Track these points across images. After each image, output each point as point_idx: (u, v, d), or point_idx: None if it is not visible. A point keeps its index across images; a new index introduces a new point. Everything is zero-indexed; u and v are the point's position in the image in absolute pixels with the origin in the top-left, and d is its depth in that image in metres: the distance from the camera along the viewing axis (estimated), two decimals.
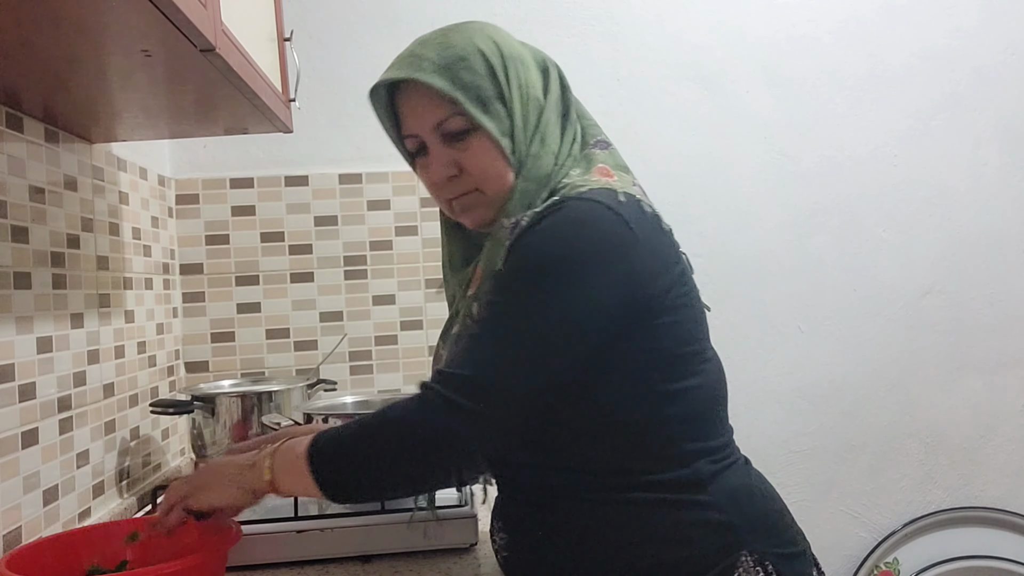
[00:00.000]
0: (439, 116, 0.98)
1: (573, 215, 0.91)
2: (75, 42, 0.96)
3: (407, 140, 1.03)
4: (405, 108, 1.01)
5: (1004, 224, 2.26)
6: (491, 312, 0.91)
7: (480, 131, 0.97)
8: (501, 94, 0.98)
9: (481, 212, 1.01)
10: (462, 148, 0.99)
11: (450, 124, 0.98)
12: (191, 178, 2.03)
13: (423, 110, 0.99)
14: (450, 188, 1.01)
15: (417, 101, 0.99)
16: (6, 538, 1.14)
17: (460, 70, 0.96)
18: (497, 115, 0.97)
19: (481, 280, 0.97)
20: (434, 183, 1.03)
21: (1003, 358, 2.26)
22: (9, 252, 1.20)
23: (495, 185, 0.99)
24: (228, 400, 1.63)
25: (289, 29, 1.61)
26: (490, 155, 0.98)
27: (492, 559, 1.21)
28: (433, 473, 0.92)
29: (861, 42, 2.24)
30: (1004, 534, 2.21)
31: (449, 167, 1.00)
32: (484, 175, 0.99)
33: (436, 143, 1.00)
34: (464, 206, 1.02)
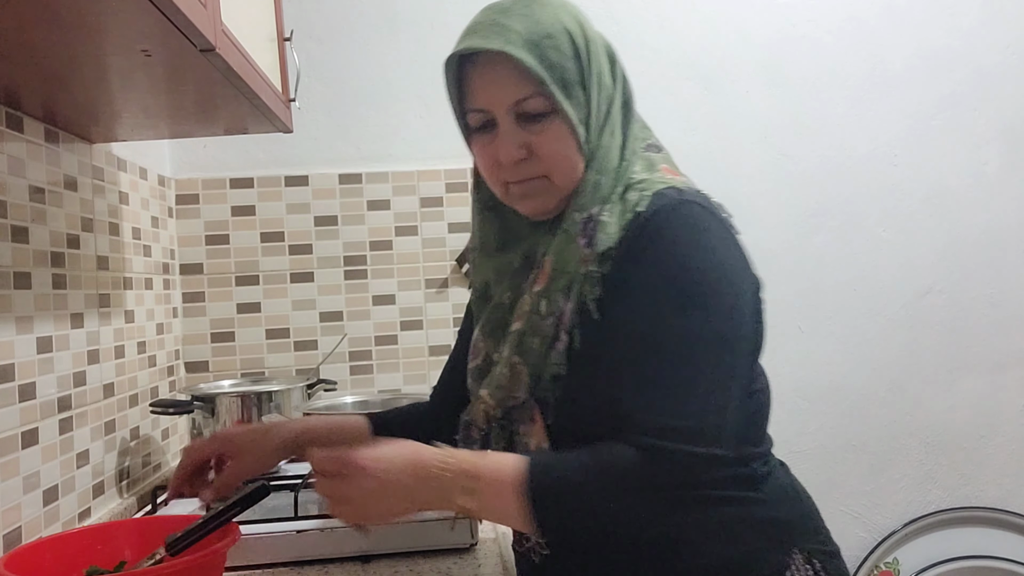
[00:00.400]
0: (520, 94, 0.91)
1: (689, 220, 0.88)
2: (75, 42, 0.96)
3: (471, 114, 0.96)
4: (480, 80, 0.94)
5: (1004, 224, 2.26)
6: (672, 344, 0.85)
7: (559, 115, 0.92)
8: (583, 79, 0.92)
9: (543, 201, 0.96)
10: (537, 131, 0.92)
11: (530, 104, 0.91)
12: (191, 178, 2.03)
13: (503, 85, 0.92)
14: (515, 171, 0.95)
15: (498, 75, 0.92)
16: (6, 538, 1.14)
17: (547, 48, 0.90)
18: (577, 101, 0.92)
19: (551, 277, 0.92)
20: (498, 164, 0.95)
21: (1003, 358, 2.26)
22: (9, 252, 1.20)
23: (565, 174, 0.94)
24: (228, 400, 1.63)
25: (289, 29, 1.61)
26: (565, 142, 0.93)
27: (492, 559, 1.21)
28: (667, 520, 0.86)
29: (861, 42, 2.24)
30: (1004, 534, 2.21)
31: (520, 149, 0.93)
32: (556, 162, 0.93)
33: (509, 122, 0.93)
34: (526, 192, 0.96)
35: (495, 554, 1.24)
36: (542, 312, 0.92)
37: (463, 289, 2.09)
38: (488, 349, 1.01)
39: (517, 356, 0.94)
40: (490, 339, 1.01)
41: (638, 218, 0.89)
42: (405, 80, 2.10)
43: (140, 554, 1.04)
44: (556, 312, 0.91)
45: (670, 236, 0.87)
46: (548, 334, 0.92)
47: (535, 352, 0.93)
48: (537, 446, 0.92)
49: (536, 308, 0.93)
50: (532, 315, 0.93)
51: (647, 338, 0.86)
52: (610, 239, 0.90)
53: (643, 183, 0.93)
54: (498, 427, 0.98)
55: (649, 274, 0.87)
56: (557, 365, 0.92)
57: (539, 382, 0.93)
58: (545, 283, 0.93)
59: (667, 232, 0.87)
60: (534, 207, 0.97)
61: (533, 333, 0.92)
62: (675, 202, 0.89)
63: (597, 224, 0.91)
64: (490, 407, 0.98)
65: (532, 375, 0.93)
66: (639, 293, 0.88)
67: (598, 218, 0.91)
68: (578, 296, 0.91)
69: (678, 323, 0.85)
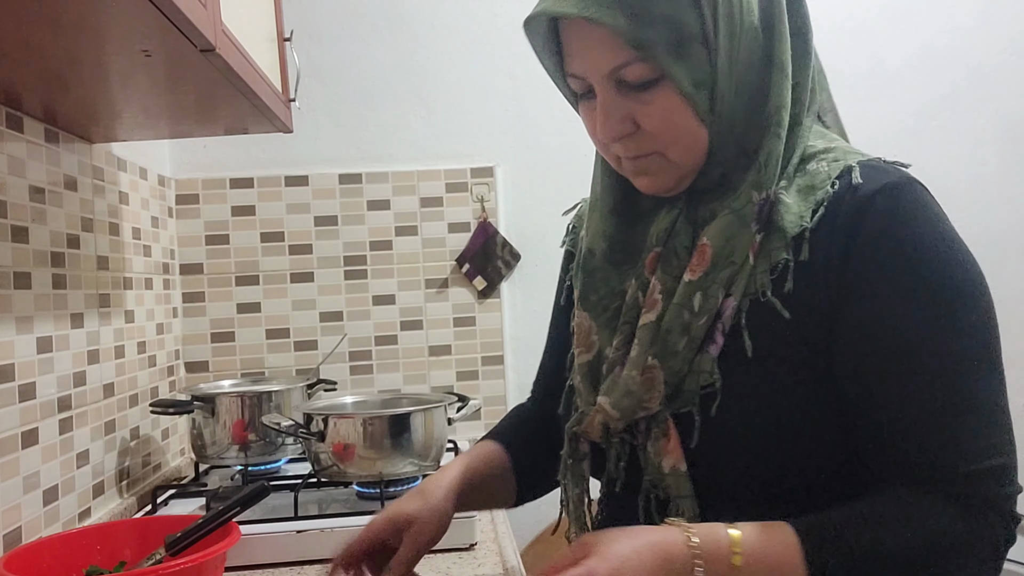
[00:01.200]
0: (616, 61, 0.74)
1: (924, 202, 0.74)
2: (75, 42, 0.96)
3: (571, 79, 0.80)
4: (573, 44, 0.78)
5: (1004, 223, 2.26)
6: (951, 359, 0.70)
7: (670, 82, 0.74)
8: (704, 31, 0.74)
9: (661, 179, 0.80)
10: (644, 100, 0.76)
11: (629, 72, 0.75)
12: (191, 178, 2.03)
13: (594, 52, 0.75)
14: (623, 147, 0.79)
15: (587, 39, 0.76)
16: (6, 538, 1.14)
17: (652, 1, 0.72)
18: (695, 60, 0.74)
19: (712, 265, 0.76)
20: (601, 142, 0.81)
21: (1003, 358, 2.26)
22: (9, 252, 1.20)
23: (682, 150, 0.77)
24: (228, 400, 1.63)
25: (289, 29, 1.61)
26: (678, 111, 0.75)
27: (492, 559, 1.21)
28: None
29: (861, 42, 2.24)
30: None
31: (623, 123, 0.77)
32: (668, 136, 0.77)
33: (608, 91, 0.77)
34: (639, 169, 0.80)
35: (495, 554, 1.24)
36: (695, 308, 0.76)
37: (463, 289, 2.09)
38: (602, 343, 0.84)
39: (653, 358, 0.77)
40: (605, 330, 0.84)
41: (850, 193, 0.74)
42: (405, 80, 2.10)
43: (140, 554, 1.04)
44: (713, 309, 0.75)
45: (913, 225, 0.72)
46: (699, 335, 0.76)
47: (679, 355, 0.76)
48: (672, 468, 0.76)
49: (687, 301, 0.76)
50: (681, 309, 0.76)
51: (925, 358, 0.70)
52: (801, 220, 0.74)
53: (831, 151, 0.78)
54: (619, 441, 0.82)
55: (898, 277, 0.71)
56: (708, 374, 0.75)
57: (679, 392, 0.77)
58: (703, 272, 0.76)
59: (907, 218, 0.72)
60: (651, 185, 0.81)
61: (681, 331, 0.76)
62: (904, 180, 0.74)
63: (773, 203, 0.76)
64: (612, 418, 0.80)
65: (671, 383, 0.76)
66: (890, 303, 0.71)
67: (773, 195, 0.76)
68: (745, 290, 0.75)
69: (957, 337, 0.71)
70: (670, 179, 0.80)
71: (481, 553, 1.24)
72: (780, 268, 0.75)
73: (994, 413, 0.70)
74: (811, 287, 0.74)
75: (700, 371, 0.76)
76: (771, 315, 0.74)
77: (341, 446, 1.38)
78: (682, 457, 0.76)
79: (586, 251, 0.89)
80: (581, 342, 0.86)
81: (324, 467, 1.42)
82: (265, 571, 1.22)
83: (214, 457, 1.64)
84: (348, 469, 1.39)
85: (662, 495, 0.78)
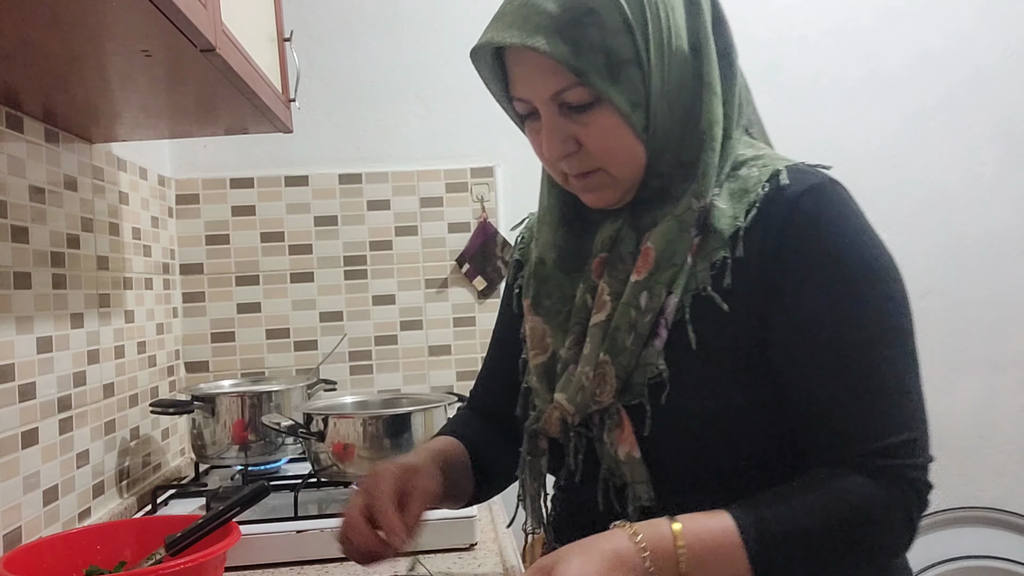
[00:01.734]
0: (556, 87, 0.80)
1: (845, 200, 0.81)
2: (75, 42, 0.96)
3: (516, 103, 0.86)
4: (516, 71, 0.84)
5: (1003, 224, 2.26)
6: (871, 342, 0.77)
7: (607, 104, 0.80)
8: (637, 55, 0.79)
9: (606, 194, 0.86)
10: (584, 121, 0.82)
11: (570, 96, 0.80)
12: (191, 178, 2.03)
13: (537, 78, 0.81)
14: (568, 165, 0.85)
15: (530, 66, 0.81)
16: (6, 538, 1.14)
17: (587, 27, 0.77)
18: (630, 82, 0.80)
19: (656, 267, 0.82)
20: (547, 161, 0.87)
21: (1002, 359, 2.26)
22: (9, 252, 1.20)
23: (622, 165, 0.83)
24: (228, 400, 1.63)
25: (289, 29, 1.61)
26: (616, 130, 0.81)
27: (492, 559, 1.21)
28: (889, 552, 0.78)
29: (860, 43, 2.24)
30: (1004, 534, 2.21)
31: (567, 143, 0.83)
32: (608, 154, 0.83)
33: (551, 114, 0.82)
34: (586, 186, 0.86)
35: (495, 554, 1.24)
36: (642, 306, 0.81)
37: (463, 289, 2.09)
38: (556, 345, 0.89)
39: (605, 354, 0.83)
40: (558, 332, 0.89)
41: (778, 195, 0.80)
42: (405, 80, 2.10)
43: (140, 554, 1.04)
44: (657, 307, 0.81)
45: (835, 222, 0.79)
46: (645, 331, 0.81)
47: (628, 351, 0.82)
48: (627, 456, 0.81)
49: (634, 300, 0.82)
50: (629, 308, 0.82)
51: (845, 345, 0.77)
52: (736, 221, 0.81)
53: (760, 158, 0.85)
54: (576, 435, 0.87)
55: (822, 270, 0.78)
56: (655, 366, 0.81)
57: (629, 386, 0.82)
58: (647, 273, 0.82)
59: (830, 217, 0.79)
60: (598, 200, 0.87)
61: (629, 328, 0.82)
62: (826, 180, 0.81)
63: (707, 209, 0.82)
64: (568, 413, 0.85)
65: (621, 377, 0.82)
66: (815, 295, 0.78)
67: (707, 202, 0.82)
68: (685, 288, 0.81)
69: (875, 324, 0.77)
70: (614, 194, 0.86)
71: (481, 553, 1.24)
72: (719, 265, 0.81)
73: (905, 392, 0.77)
74: (748, 281, 0.80)
75: (647, 364, 0.82)
76: (712, 309, 0.81)
77: (341, 446, 1.38)
78: (636, 445, 0.81)
79: (537, 260, 0.94)
80: (535, 345, 0.91)
81: (324, 467, 1.42)
82: (265, 571, 1.22)
83: (214, 457, 1.64)
84: (348, 469, 1.39)
85: (619, 482, 0.83)
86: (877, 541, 0.75)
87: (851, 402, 0.76)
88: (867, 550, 0.75)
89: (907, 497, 0.75)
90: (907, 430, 0.76)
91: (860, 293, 0.78)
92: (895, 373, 0.77)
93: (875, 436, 0.75)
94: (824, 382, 0.77)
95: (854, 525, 0.74)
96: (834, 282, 0.78)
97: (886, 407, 0.76)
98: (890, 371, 0.77)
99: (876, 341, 0.77)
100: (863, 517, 0.74)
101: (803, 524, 0.73)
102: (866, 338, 0.77)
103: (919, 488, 0.76)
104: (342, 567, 1.21)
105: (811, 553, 0.73)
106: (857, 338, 0.77)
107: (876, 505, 0.74)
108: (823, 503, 0.74)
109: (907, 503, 0.75)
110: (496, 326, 1.09)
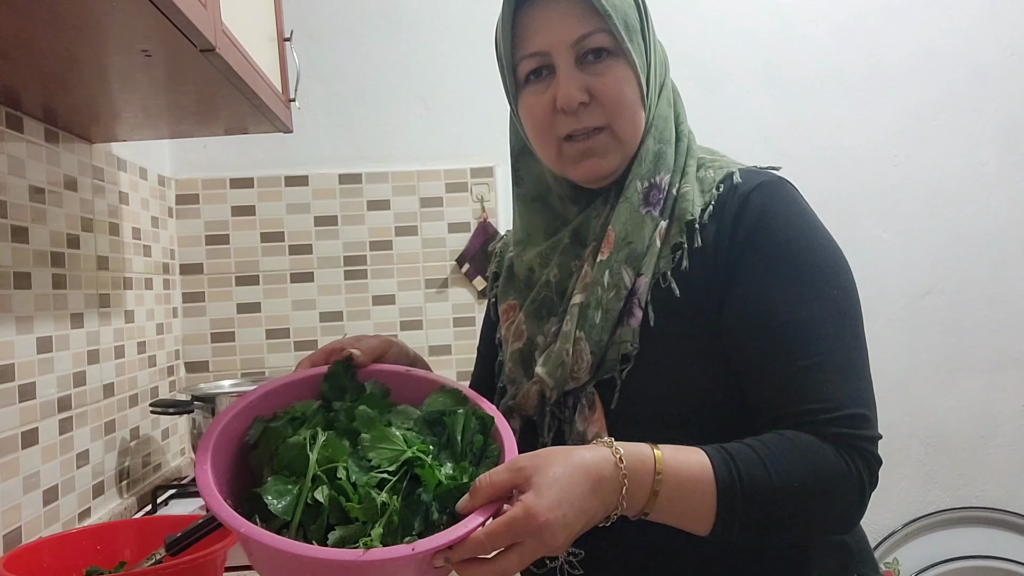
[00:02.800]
0: (585, 28, 0.85)
1: (794, 197, 0.87)
2: (75, 42, 0.96)
3: (525, 61, 0.89)
4: (538, 21, 0.88)
5: (1004, 224, 2.26)
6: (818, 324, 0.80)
7: (623, 57, 0.86)
8: (643, 30, 0.88)
9: (603, 161, 0.88)
10: (600, 72, 0.87)
11: (595, 40, 0.86)
12: (191, 178, 2.03)
13: (565, 22, 0.86)
14: (575, 120, 0.87)
15: (556, 14, 0.87)
16: (6, 538, 1.14)
17: None
18: (639, 48, 0.88)
19: (616, 247, 0.87)
20: (554, 112, 0.88)
21: (1003, 358, 2.26)
22: (9, 252, 1.20)
23: (628, 124, 0.88)
24: (228, 400, 1.63)
25: (289, 29, 1.61)
26: (630, 87, 0.87)
27: None
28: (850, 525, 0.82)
29: (861, 42, 2.24)
30: (1004, 534, 2.21)
31: (582, 91, 0.86)
32: (619, 109, 0.87)
33: (568, 63, 0.87)
34: (584, 150, 0.88)
35: None
36: (605, 284, 0.86)
37: (463, 289, 2.09)
38: (532, 332, 0.93)
39: (579, 330, 0.87)
40: (534, 320, 0.93)
41: (732, 193, 0.86)
42: (405, 80, 2.10)
43: (140, 554, 1.04)
44: (619, 284, 0.86)
45: (783, 215, 0.84)
46: (613, 308, 0.86)
47: (597, 327, 0.86)
48: (596, 436, 0.83)
49: (600, 279, 0.87)
50: (595, 286, 0.87)
51: (793, 325, 0.81)
52: (694, 209, 0.87)
53: (717, 161, 0.91)
54: (549, 415, 0.90)
55: (770, 258, 0.83)
56: (628, 343, 0.85)
57: (603, 362, 0.86)
58: (609, 253, 0.87)
59: (778, 211, 0.84)
60: (592, 168, 0.89)
61: (596, 305, 0.86)
62: (775, 180, 0.87)
63: (676, 198, 0.88)
64: (547, 387, 0.89)
65: (596, 354, 0.86)
66: (764, 280, 0.83)
67: (676, 191, 0.88)
68: (654, 269, 0.86)
69: (820, 305, 0.81)
70: (612, 161, 0.89)
71: None
72: (677, 252, 0.87)
73: (855, 371, 0.81)
74: (704, 269, 0.86)
75: (622, 341, 0.86)
76: (671, 293, 0.86)
77: None
78: (604, 426, 0.85)
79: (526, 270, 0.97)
80: (512, 336, 0.96)
81: None
82: None
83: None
84: None
85: None
86: (832, 503, 0.77)
87: (799, 378, 0.80)
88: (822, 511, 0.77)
89: (858, 467, 0.77)
90: (858, 405, 0.79)
91: (808, 277, 0.82)
92: (844, 352, 0.81)
93: (829, 407, 0.78)
94: (774, 360, 0.81)
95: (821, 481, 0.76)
96: (782, 267, 0.83)
97: (838, 381, 0.79)
98: (840, 350, 0.80)
99: (825, 321, 0.81)
100: (827, 476, 0.76)
101: (770, 470, 0.75)
102: (815, 318, 0.81)
103: (869, 461, 0.78)
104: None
105: (772, 504, 0.75)
106: (806, 317, 0.81)
107: (836, 467, 0.76)
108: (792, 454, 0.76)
109: (859, 474, 0.77)
110: (479, 345, 1.12)
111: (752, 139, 2.21)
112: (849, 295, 0.84)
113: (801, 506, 0.76)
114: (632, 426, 0.81)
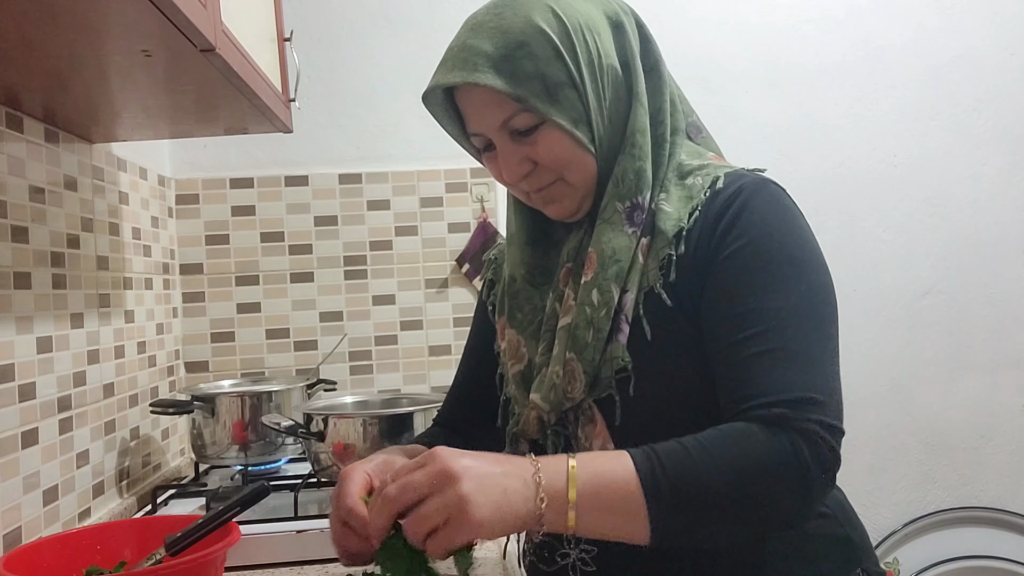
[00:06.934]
0: (503, 116, 0.89)
1: (775, 197, 0.88)
2: (75, 42, 0.96)
3: (473, 138, 0.96)
4: (466, 108, 0.93)
5: (1004, 224, 2.26)
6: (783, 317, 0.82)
7: (551, 123, 0.88)
8: (571, 78, 0.88)
9: (566, 204, 0.93)
10: (532, 142, 0.90)
11: (516, 122, 0.89)
12: (191, 178, 2.03)
13: (485, 111, 0.90)
14: (528, 183, 0.93)
15: (476, 102, 0.91)
16: (6, 538, 1.14)
17: (520, 59, 0.86)
18: (568, 102, 0.88)
19: (600, 266, 0.89)
20: (509, 182, 0.95)
21: (1003, 358, 2.26)
22: (9, 252, 1.20)
23: (577, 173, 0.91)
24: (228, 400, 1.63)
25: (289, 29, 1.61)
26: (563, 144, 0.89)
27: (492, 559, 1.21)
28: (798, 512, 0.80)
29: (861, 42, 2.24)
30: (1004, 534, 2.21)
31: (523, 164, 0.91)
32: (560, 164, 0.90)
33: (504, 141, 0.91)
34: (546, 198, 0.94)
35: (495, 554, 1.24)
36: (594, 303, 0.88)
37: (463, 289, 2.09)
38: (531, 353, 0.96)
39: (570, 352, 0.89)
40: (532, 341, 0.96)
41: (716, 197, 0.88)
42: (405, 80, 2.10)
43: (140, 554, 1.04)
44: (609, 303, 0.88)
45: (760, 212, 0.86)
46: (603, 327, 0.87)
47: (589, 347, 0.88)
48: (602, 448, 0.86)
49: (587, 299, 0.89)
50: (583, 307, 0.89)
51: (754, 313, 0.82)
52: (680, 222, 0.88)
53: (704, 168, 0.91)
54: (553, 435, 0.93)
55: (742, 251, 0.85)
56: (620, 359, 0.87)
57: (597, 380, 0.88)
58: (593, 273, 0.89)
59: (756, 208, 0.86)
60: (558, 211, 0.95)
61: (587, 326, 0.88)
62: (758, 180, 0.89)
63: (655, 212, 0.90)
64: (544, 412, 0.91)
65: (589, 372, 0.88)
66: (733, 270, 0.84)
67: (654, 206, 0.90)
68: (639, 284, 0.88)
69: (785, 297, 0.83)
70: (573, 203, 0.93)
71: (481, 553, 1.24)
72: (665, 263, 0.88)
73: (806, 360, 0.81)
74: (690, 276, 0.87)
75: (613, 358, 0.87)
76: (663, 304, 0.87)
77: (341, 446, 1.38)
78: (609, 438, 0.88)
79: (508, 278, 1.01)
80: (512, 355, 0.98)
81: (324, 467, 1.42)
82: (265, 571, 1.22)
83: (214, 457, 1.64)
84: None
85: None
86: (767, 485, 0.76)
87: (754, 363, 0.80)
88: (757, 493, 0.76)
89: (800, 451, 0.76)
90: (808, 391, 0.79)
91: (776, 270, 0.84)
92: (803, 343, 0.81)
93: (772, 391, 0.78)
94: (732, 347, 0.82)
95: (749, 470, 0.75)
96: (750, 260, 0.84)
97: (788, 369, 0.79)
98: (797, 340, 0.81)
99: (786, 313, 0.82)
100: (755, 463, 0.75)
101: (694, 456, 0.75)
102: (777, 308, 0.82)
103: (815, 442, 0.77)
104: (342, 567, 1.21)
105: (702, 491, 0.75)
106: (768, 307, 0.82)
107: (765, 452, 0.76)
108: (720, 448, 0.76)
109: (801, 457, 0.76)
110: (467, 344, 1.14)
111: (752, 139, 2.21)
112: (817, 292, 0.85)
113: (733, 490, 0.75)
114: (637, 438, 0.80)
